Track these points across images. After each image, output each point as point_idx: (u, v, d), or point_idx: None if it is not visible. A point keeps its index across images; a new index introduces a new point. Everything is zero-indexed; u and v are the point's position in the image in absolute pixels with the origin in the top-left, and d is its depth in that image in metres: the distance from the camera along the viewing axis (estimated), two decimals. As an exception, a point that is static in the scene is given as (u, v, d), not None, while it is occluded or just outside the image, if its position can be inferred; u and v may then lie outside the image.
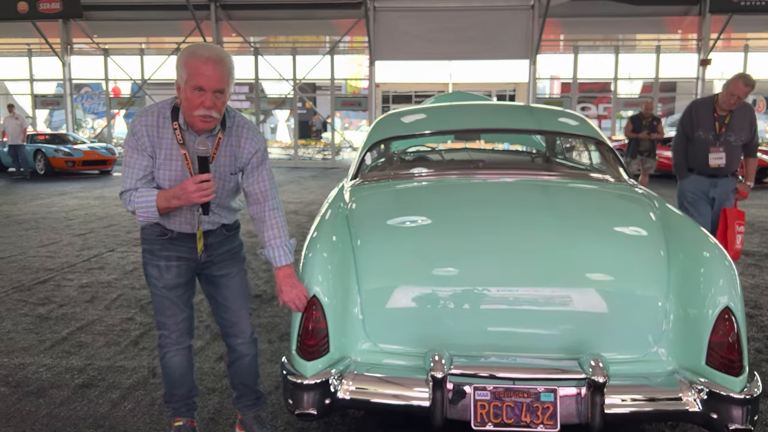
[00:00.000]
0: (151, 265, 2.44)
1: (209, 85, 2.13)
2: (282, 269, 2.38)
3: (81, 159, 15.83)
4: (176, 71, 2.18)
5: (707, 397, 2.10)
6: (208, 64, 2.12)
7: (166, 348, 2.54)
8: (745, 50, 19.59)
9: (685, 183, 4.95)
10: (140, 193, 2.23)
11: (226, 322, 2.59)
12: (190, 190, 2.15)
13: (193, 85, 2.13)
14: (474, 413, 2.13)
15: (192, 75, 2.13)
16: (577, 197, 3.10)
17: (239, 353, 2.63)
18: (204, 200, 2.20)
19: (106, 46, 20.93)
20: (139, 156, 2.25)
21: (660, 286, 2.34)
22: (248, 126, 2.41)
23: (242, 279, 2.60)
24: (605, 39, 20.61)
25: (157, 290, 2.45)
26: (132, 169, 2.25)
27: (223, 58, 2.16)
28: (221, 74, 2.15)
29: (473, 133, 4.38)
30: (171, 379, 2.59)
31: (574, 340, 2.29)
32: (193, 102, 2.16)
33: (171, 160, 2.27)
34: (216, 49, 2.20)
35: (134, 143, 2.24)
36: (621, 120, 19.10)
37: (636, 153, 10.43)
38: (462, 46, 19.07)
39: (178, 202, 2.20)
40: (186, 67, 2.13)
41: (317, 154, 22.25)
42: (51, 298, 4.90)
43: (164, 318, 2.49)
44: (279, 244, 2.40)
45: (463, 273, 2.41)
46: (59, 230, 7.98)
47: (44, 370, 3.49)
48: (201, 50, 2.15)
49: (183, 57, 2.16)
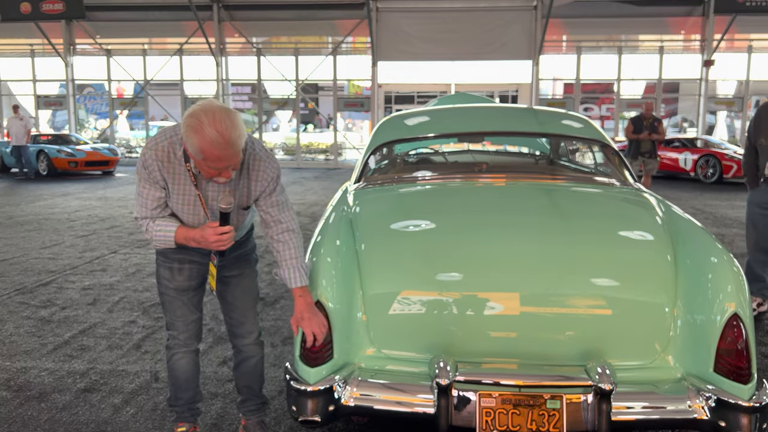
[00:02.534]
0: (164, 267, 2.46)
1: (228, 164, 2.08)
2: (300, 294, 2.30)
3: (84, 159, 15.86)
4: (186, 140, 2.05)
5: (715, 404, 2.08)
6: (226, 149, 2.01)
7: (174, 350, 2.54)
8: (749, 51, 19.54)
9: (753, 194, 4.64)
10: (159, 226, 2.26)
11: (234, 322, 2.60)
12: (211, 241, 2.19)
13: (213, 166, 2.08)
14: (479, 420, 2.11)
15: (210, 159, 2.05)
16: (583, 201, 3.08)
17: (246, 354, 2.62)
18: (221, 249, 2.25)
19: (108, 46, 20.96)
20: (151, 187, 2.25)
21: (667, 292, 2.31)
22: (261, 159, 2.32)
23: (252, 280, 2.61)
24: (608, 40, 20.56)
25: (168, 291, 2.47)
26: (145, 199, 2.26)
27: (233, 134, 2.01)
28: (237, 152, 2.06)
29: (477, 135, 4.35)
30: (177, 382, 2.58)
31: (580, 346, 2.27)
32: (211, 173, 2.12)
33: (185, 195, 2.28)
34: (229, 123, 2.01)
35: (147, 175, 2.23)
36: (624, 121, 19.05)
37: (637, 154, 10.41)
38: (464, 46, 19.07)
39: (196, 245, 2.25)
40: (202, 153, 2.03)
41: (320, 154, 22.24)
42: (53, 300, 4.89)
43: (174, 318, 2.51)
44: (294, 265, 2.33)
45: (468, 278, 2.39)
46: (62, 231, 7.98)
47: (46, 374, 3.48)
48: (214, 134, 1.98)
49: (196, 138, 2.00)
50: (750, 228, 4.65)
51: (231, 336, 2.66)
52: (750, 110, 20.16)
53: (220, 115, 2.00)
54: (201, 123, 1.99)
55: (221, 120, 2.00)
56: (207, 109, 2.02)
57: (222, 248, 2.24)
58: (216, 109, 2.02)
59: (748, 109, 19.93)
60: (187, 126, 2.02)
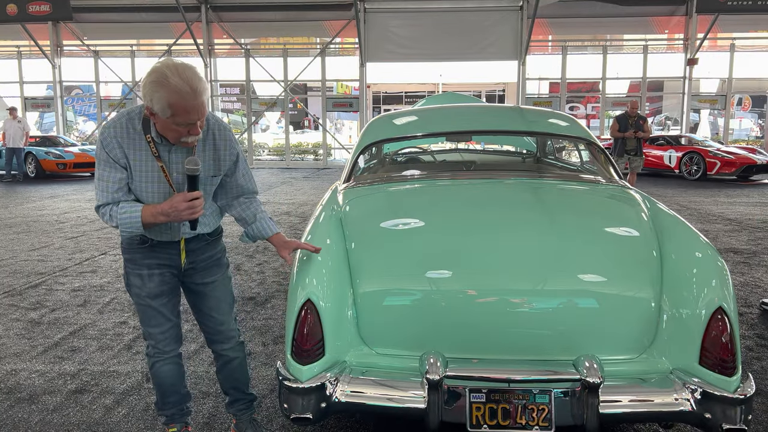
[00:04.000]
0: (133, 275, 2.37)
1: (197, 117, 2.07)
2: (277, 235, 2.51)
3: (72, 161, 15.75)
4: (149, 100, 2.03)
5: (701, 397, 2.11)
6: (194, 98, 2.02)
7: (154, 358, 2.48)
8: (731, 50, 19.77)
9: None
10: (123, 209, 2.16)
11: (211, 330, 2.56)
12: (182, 209, 2.13)
13: (181, 122, 2.06)
14: (469, 415, 2.14)
15: (179, 113, 2.04)
16: (570, 198, 3.12)
17: (227, 357, 2.60)
18: (194, 217, 2.18)
19: (96, 48, 20.84)
20: (111, 169, 2.17)
21: (653, 287, 2.35)
22: (226, 128, 2.35)
23: (226, 285, 2.55)
24: (593, 39, 20.74)
25: (141, 300, 2.38)
26: (106, 182, 2.17)
27: (200, 85, 2.04)
28: (203, 102, 2.07)
29: (465, 134, 4.39)
30: (162, 388, 2.55)
31: (568, 341, 2.30)
32: (180, 133, 2.10)
33: (148, 172, 2.20)
34: (192, 75, 2.03)
35: (105, 156, 2.15)
36: (609, 119, 19.20)
37: (623, 152, 10.51)
38: (452, 47, 19.14)
39: (166, 219, 2.16)
40: (171, 107, 2.02)
41: (309, 154, 22.25)
42: (43, 302, 4.87)
43: (150, 328, 2.43)
44: (265, 216, 2.51)
45: (457, 275, 2.42)
46: (51, 233, 7.93)
47: (36, 375, 3.47)
48: (181, 83, 2.00)
49: (162, 92, 2.00)
50: None
51: (209, 342, 2.61)
52: (733, 108, 20.40)
53: (182, 66, 2.02)
54: (165, 76, 1.99)
55: (184, 71, 2.02)
56: (168, 63, 2.03)
57: (194, 216, 2.17)
58: (176, 62, 2.04)
59: (731, 107, 20.14)
60: (151, 83, 2.01)
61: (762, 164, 14.29)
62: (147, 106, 2.07)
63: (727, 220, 8.76)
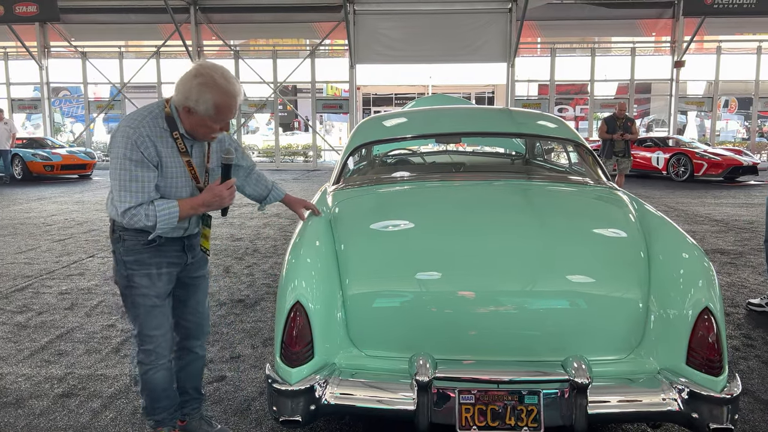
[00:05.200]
0: (139, 275, 2.33)
1: (233, 116, 2.24)
2: (287, 196, 2.80)
3: (60, 163, 15.62)
4: (194, 100, 2.14)
5: (688, 397, 2.13)
6: (236, 100, 2.19)
7: (149, 365, 2.42)
8: (717, 52, 19.96)
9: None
10: (161, 206, 2.19)
11: (192, 325, 2.60)
12: (225, 195, 2.28)
13: (221, 120, 2.20)
14: (459, 417, 2.14)
15: (221, 113, 2.17)
16: (558, 200, 3.13)
17: (196, 355, 2.65)
18: (232, 203, 2.35)
19: (84, 49, 20.70)
20: (145, 169, 2.18)
21: (641, 288, 2.37)
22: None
23: (207, 280, 2.66)
24: (581, 42, 20.88)
25: (149, 300, 2.35)
26: (141, 183, 2.17)
27: (240, 88, 2.21)
28: (239, 103, 2.24)
29: (454, 136, 4.40)
30: (154, 395, 2.49)
31: (557, 342, 2.31)
32: (213, 130, 2.24)
33: (175, 168, 2.27)
34: (234, 78, 2.20)
35: (139, 156, 2.15)
36: (598, 121, 19.32)
37: (611, 154, 10.58)
38: (441, 49, 19.20)
39: (205, 209, 2.31)
40: (216, 107, 2.15)
41: (299, 156, 22.22)
42: (29, 305, 4.83)
43: (152, 330, 2.38)
44: (275, 186, 2.76)
45: (447, 277, 2.42)
46: (37, 236, 7.86)
47: (23, 379, 3.44)
48: (228, 86, 2.14)
49: (211, 94, 2.12)
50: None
51: (183, 339, 2.61)
52: (719, 110, 20.60)
53: (222, 69, 2.17)
54: (213, 78, 2.12)
55: (227, 74, 2.17)
56: (210, 66, 2.16)
57: (232, 201, 2.33)
58: (217, 65, 2.17)
59: (717, 109, 20.33)
60: (199, 84, 2.11)
61: (748, 166, 14.42)
62: (186, 105, 2.16)
63: (714, 221, 8.83)
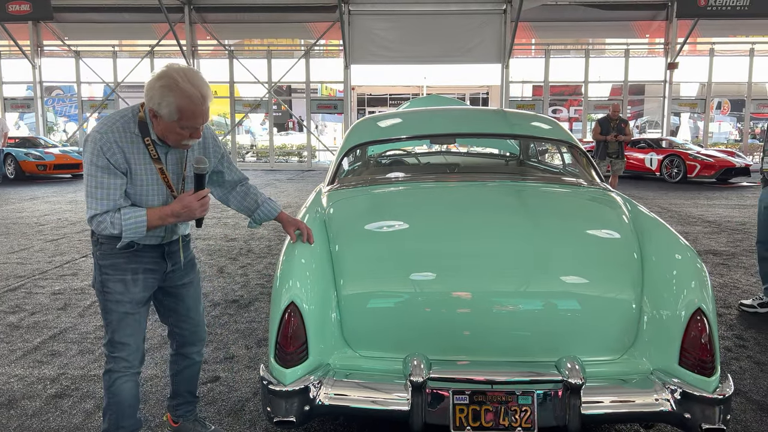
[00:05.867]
0: (114, 280, 2.26)
1: (202, 121, 2.12)
2: (282, 213, 2.63)
3: (53, 163, 15.54)
4: (157, 103, 2.05)
5: (681, 397, 2.14)
6: (202, 103, 2.07)
7: (119, 373, 2.32)
8: (710, 54, 20.07)
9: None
10: (127, 215, 2.11)
11: (187, 332, 2.56)
12: (195, 207, 2.17)
13: (187, 125, 2.09)
14: (453, 417, 2.14)
15: (186, 117, 2.06)
16: (552, 201, 3.14)
17: (192, 361, 2.61)
18: (205, 215, 2.24)
19: (77, 48, 20.62)
20: (112, 175, 2.10)
21: (634, 289, 2.38)
22: (207, 130, 2.39)
23: (199, 285, 2.60)
24: (575, 43, 20.95)
25: (122, 306, 2.27)
26: (107, 189, 2.09)
27: (207, 91, 2.09)
28: (209, 107, 2.11)
29: (449, 137, 4.41)
30: (120, 409, 2.35)
31: (550, 342, 2.32)
32: (183, 136, 2.13)
33: (146, 175, 2.18)
34: (201, 81, 2.07)
35: (105, 163, 2.08)
36: (591, 122, 19.39)
37: (605, 155, 10.61)
38: (436, 50, 19.22)
39: (176, 219, 2.19)
40: (179, 112, 2.04)
41: (293, 156, 22.20)
42: (22, 306, 4.81)
43: (125, 338, 2.30)
44: (266, 199, 2.62)
45: (441, 277, 2.43)
46: (30, 236, 7.83)
47: (15, 380, 3.42)
48: (191, 89, 2.03)
49: (172, 97, 2.02)
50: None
51: (180, 345, 2.58)
52: (712, 111, 20.71)
53: (189, 72, 2.06)
54: (175, 81, 2.02)
55: (193, 76, 2.05)
56: (175, 68, 2.05)
57: (205, 213, 2.23)
58: (183, 67, 2.06)
59: (710, 110, 20.44)
60: (161, 87, 2.02)
61: (740, 167, 14.50)
62: (151, 108, 2.08)
63: (707, 222, 8.87)
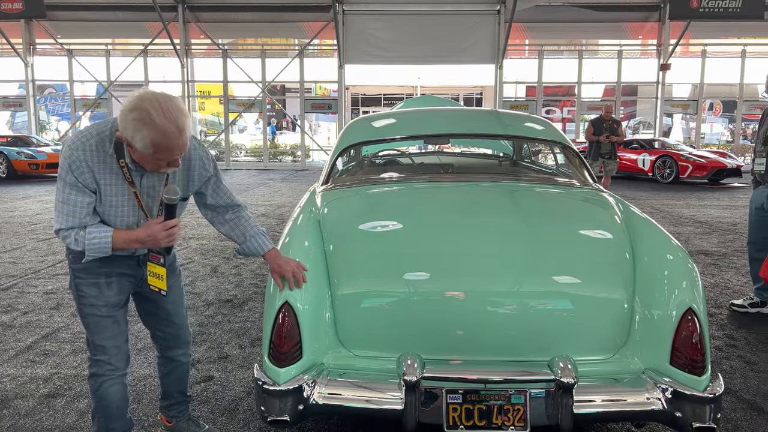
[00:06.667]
0: (87, 284, 2.22)
1: (179, 153, 1.99)
2: (270, 252, 2.42)
3: (45, 162, 15.46)
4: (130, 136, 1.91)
5: (672, 396, 2.16)
6: (178, 137, 1.93)
7: (104, 377, 2.29)
8: (702, 56, 20.18)
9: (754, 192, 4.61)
10: (91, 234, 2.05)
11: (169, 336, 2.53)
12: (160, 237, 2.08)
13: (163, 157, 1.97)
14: (446, 416, 2.15)
15: (161, 151, 1.94)
16: (545, 201, 3.16)
17: (179, 363, 2.59)
18: (171, 245, 2.15)
19: (70, 46, 20.51)
20: (79, 193, 2.03)
21: (626, 289, 2.40)
22: (195, 148, 2.26)
23: (179, 290, 2.54)
24: (569, 44, 21.00)
25: (96, 310, 2.23)
26: (72, 207, 2.03)
27: (185, 123, 1.93)
28: (187, 139, 1.98)
29: (442, 137, 4.42)
30: (108, 413, 2.33)
31: (543, 342, 2.33)
32: (160, 165, 2.02)
33: (119, 197, 2.11)
34: (177, 111, 1.92)
35: (73, 180, 2.01)
36: (584, 123, 19.45)
37: (597, 155, 10.66)
38: (430, 50, 19.24)
39: (140, 246, 2.11)
40: (154, 146, 1.91)
41: (287, 156, 22.18)
42: (14, 305, 4.79)
43: (104, 341, 2.26)
44: (258, 232, 2.46)
45: (435, 277, 2.44)
46: (22, 235, 7.79)
47: (8, 380, 3.41)
48: (165, 124, 1.88)
49: (146, 131, 1.87)
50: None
51: (164, 348, 2.55)
52: (704, 113, 20.84)
53: (166, 103, 1.90)
54: (149, 114, 1.87)
55: (169, 108, 1.90)
56: (151, 99, 1.90)
57: (171, 243, 2.14)
58: (159, 97, 1.91)
59: (702, 111, 20.55)
60: (133, 120, 1.88)
61: (732, 168, 14.58)
62: (125, 137, 1.95)
63: (699, 222, 8.92)
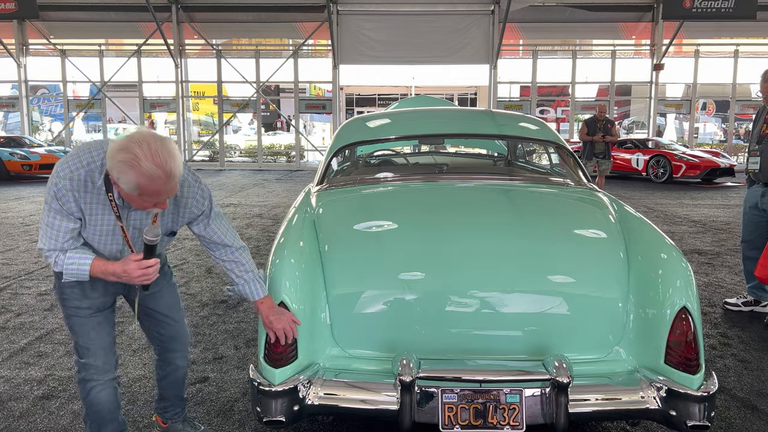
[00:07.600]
0: (70, 285, 2.17)
1: (167, 196, 1.95)
2: (263, 301, 2.30)
3: (38, 162, 15.36)
4: (116, 177, 1.86)
5: (666, 394, 2.17)
6: (166, 182, 1.86)
7: (93, 381, 2.26)
8: (695, 55, 20.27)
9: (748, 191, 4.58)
10: (71, 259, 2.02)
11: (166, 338, 2.49)
12: (135, 276, 2.01)
13: (149, 200, 1.93)
14: (442, 416, 2.16)
15: (148, 194, 1.89)
16: (539, 201, 3.17)
17: (176, 366, 2.56)
18: (146, 283, 2.08)
19: (63, 47, 20.43)
20: (63, 219, 2.01)
21: (620, 288, 2.40)
22: (190, 185, 2.19)
23: (173, 292, 2.50)
24: (563, 44, 21.06)
25: (80, 312, 2.21)
26: (56, 231, 2.01)
27: (174, 167, 1.86)
28: (177, 182, 1.92)
29: (437, 138, 4.43)
30: (99, 417, 2.31)
31: (538, 341, 2.34)
32: (147, 205, 1.97)
33: (104, 226, 2.08)
34: (167, 155, 1.85)
35: (58, 207, 1.99)
36: (578, 122, 19.51)
37: (591, 155, 10.70)
38: (425, 50, 19.28)
39: (116, 279, 2.06)
40: (140, 189, 1.86)
41: (282, 156, 22.16)
42: (8, 307, 4.77)
43: (90, 343, 2.23)
44: (251, 278, 2.32)
45: (430, 277, 2.44)
46: (16, 236, 7.76)
47: (2, 382, 3.39)
48: (153, 169, 1.82)
49: (132, 175, 1.82)
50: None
51: (162, 350, 2.52)
52: (697, 112, 20.94)
53: (155, 146, 1.83)
54: (137, 157, 1.81)
55: (158, 152, 1.83)
56: (140, 141, 1.83)
57: (147, 282, 2.07)
58: (150, 139, 1.85)
59: (695, 111, 20.64)
60: (120, 162, 1.82)
61: (725, 167, 14.65)
62: (112, 177, 1.91)
63: (692, 222, 8.96)
